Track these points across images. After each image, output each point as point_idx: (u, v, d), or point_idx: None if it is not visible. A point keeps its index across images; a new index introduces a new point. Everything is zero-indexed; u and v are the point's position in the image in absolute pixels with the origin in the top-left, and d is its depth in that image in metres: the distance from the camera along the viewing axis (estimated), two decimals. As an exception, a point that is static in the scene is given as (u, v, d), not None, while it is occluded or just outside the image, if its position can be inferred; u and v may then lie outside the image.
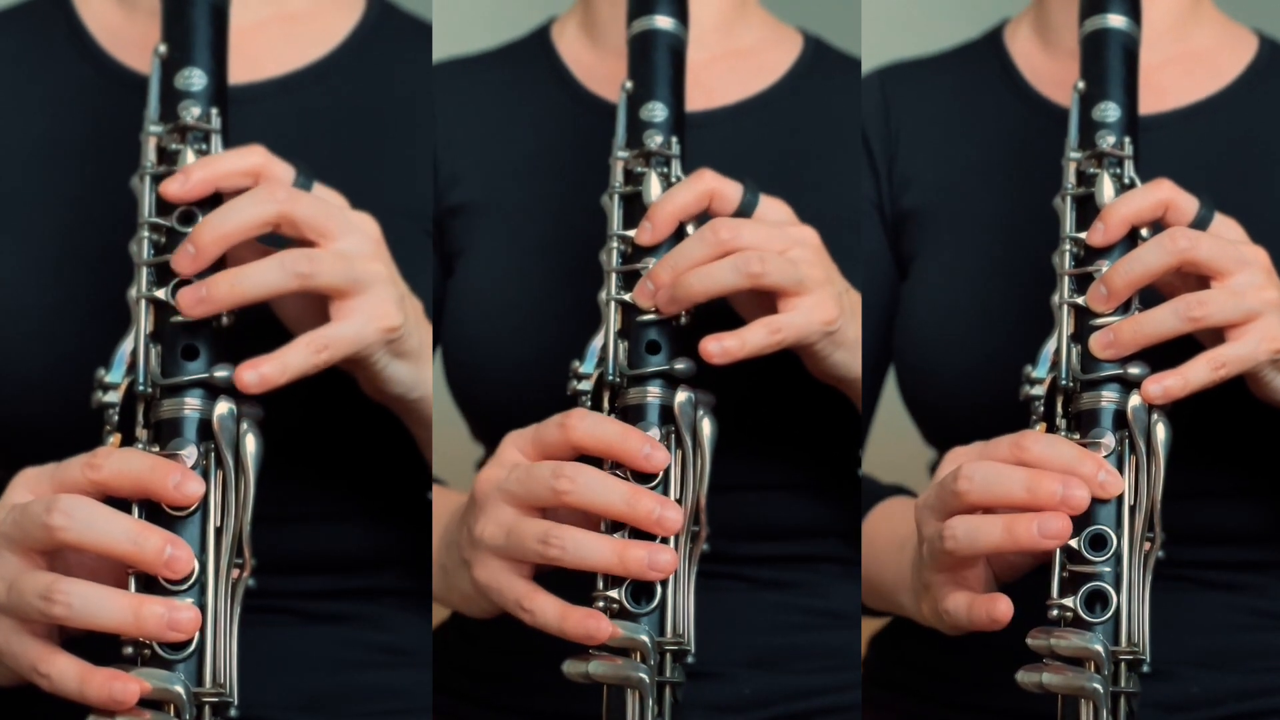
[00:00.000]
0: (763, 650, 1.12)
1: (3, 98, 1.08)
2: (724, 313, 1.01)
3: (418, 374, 0.97)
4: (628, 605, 0.96)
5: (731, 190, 1.01)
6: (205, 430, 0.91)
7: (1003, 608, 0.93)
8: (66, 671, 0.87)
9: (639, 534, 0.95)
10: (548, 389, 1.03)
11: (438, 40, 1.15)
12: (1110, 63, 1.03)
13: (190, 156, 0.94)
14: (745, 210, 1.01)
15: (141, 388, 0.92)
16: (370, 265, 0.93)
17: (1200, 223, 0.99)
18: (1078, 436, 0.96)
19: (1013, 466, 0.93)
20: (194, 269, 0.92)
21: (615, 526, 0.96)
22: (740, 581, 1.13)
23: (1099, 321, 0.98)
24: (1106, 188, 1.00)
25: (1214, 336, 0.98)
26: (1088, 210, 1.00)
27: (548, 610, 0.95)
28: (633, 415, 0.98)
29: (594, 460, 0.96)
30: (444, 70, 1.20)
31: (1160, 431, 0.96)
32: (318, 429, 1.04)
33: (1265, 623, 1.11)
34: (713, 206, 1.01)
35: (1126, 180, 1.01)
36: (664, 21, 1.06)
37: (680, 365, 0.99)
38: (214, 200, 0.94)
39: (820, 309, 0.99)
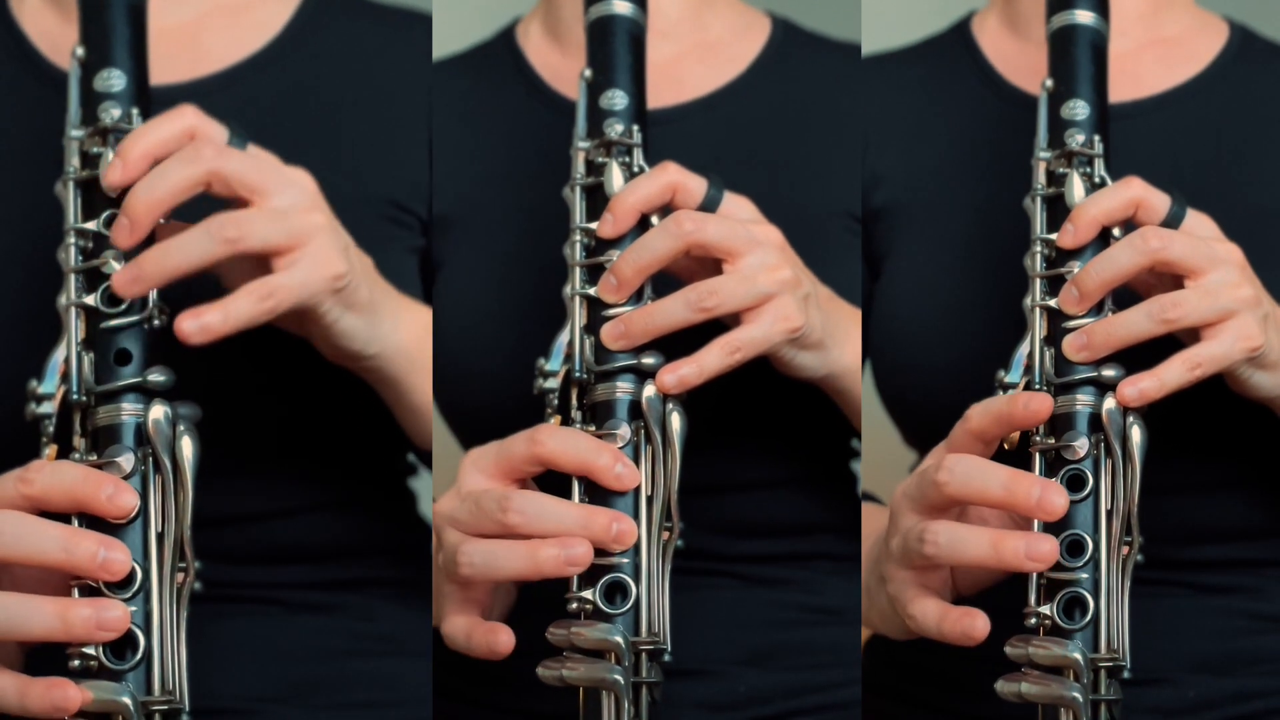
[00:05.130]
0: (757, 648, 1.11)
1: None
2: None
3: (371, 328, 0.96)
4: (601, 605, 0.95)
5: (695, 184, 0.99)
6: (143, 435, 0.89)
7: (980, 625, 0.92)
8: (7, 689, 0.86)
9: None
10: (524, 395, 1.01)
11: (437, 37, 1.13)
12: (1079, 59, 1.01)
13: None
14: (709, 206, 0.99)
15: (76, 396, 0.90)
16: (308, 217, 0.92)
17: (1172, 220, 0.97)
18: (1053, 441, 0.95)
19: (995, 464, 0.92)
20: (131, 241, 0.90)
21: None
22: (734, 579, 1.12)
23: (1072, 324, 0.96)
24: (1076, 187, 0.99)
25: (1190, 334, 0.97)
26: (1058, 210, 0.99)
27: None
28: (601, 412, 0.97)
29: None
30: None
31: (1136, 434, 0.94)
32: (293, 421, 1.03)
33: (1261, 626, 1.10)
34: (676, 201, 0.99)
35: (1097, 179, 0.99)
36: (622, 6, 1.03)
37: (649, 359, 0.97)
38: None
39: (782, 318, 0.97)
